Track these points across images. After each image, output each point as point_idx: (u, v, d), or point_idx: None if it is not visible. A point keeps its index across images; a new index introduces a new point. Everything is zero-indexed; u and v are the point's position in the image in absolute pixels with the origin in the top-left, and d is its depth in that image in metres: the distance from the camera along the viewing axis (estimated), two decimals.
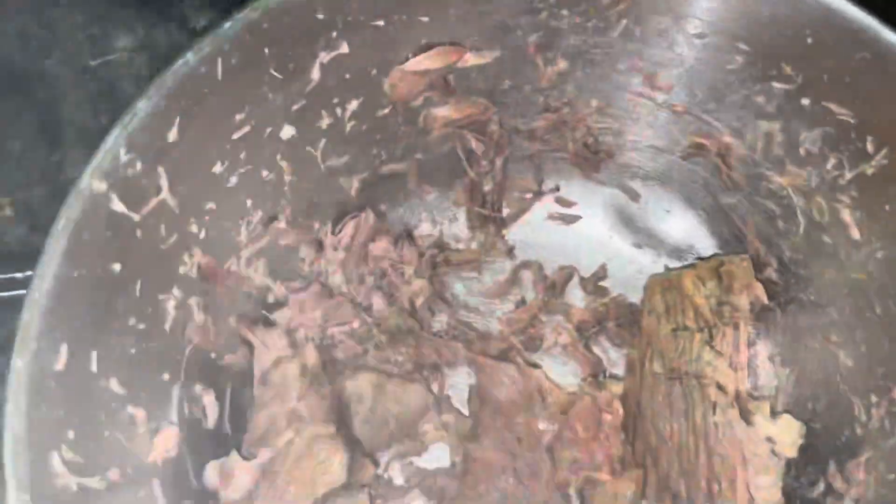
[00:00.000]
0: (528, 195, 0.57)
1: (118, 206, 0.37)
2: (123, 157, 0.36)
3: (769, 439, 0.46)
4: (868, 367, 0.45)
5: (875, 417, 0.44)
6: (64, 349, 0.34)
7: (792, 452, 0.46)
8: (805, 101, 0.43)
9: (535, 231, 0.57)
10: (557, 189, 0.57)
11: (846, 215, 0.45)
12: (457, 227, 0.57)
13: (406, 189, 0.55)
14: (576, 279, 0.56)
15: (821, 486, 0.46)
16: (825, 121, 0.43)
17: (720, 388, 0.47)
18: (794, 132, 0.45)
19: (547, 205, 0.57)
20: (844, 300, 0.46)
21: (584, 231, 0.57)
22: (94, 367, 0.36)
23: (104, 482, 0.35)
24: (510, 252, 0.56)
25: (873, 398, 0.44)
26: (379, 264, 0.54)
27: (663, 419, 0.47)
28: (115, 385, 0.38)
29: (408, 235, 0.55)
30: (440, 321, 0.54)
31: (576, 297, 0.56)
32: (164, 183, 0.39)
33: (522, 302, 0.55)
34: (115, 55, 0.65)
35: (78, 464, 0.34)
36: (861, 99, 0.41)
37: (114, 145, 0.35)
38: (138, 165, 0.37)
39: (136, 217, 0.38)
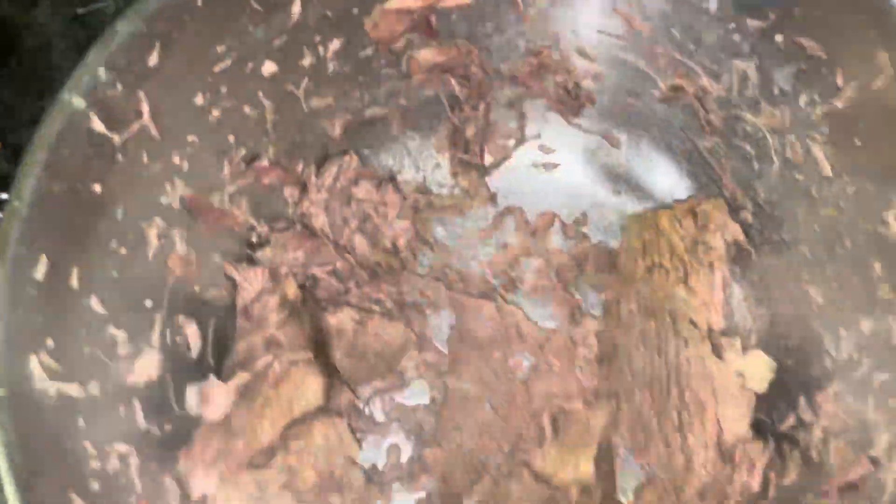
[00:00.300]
0: (511, 142, 0.58)
1: (98, 125, 0.37)
2: (103, 77, 0.37)
3: (739, 374, 0.47)
4: (837, 302, 0.46)
5: (844, 350, 0.45)
6: (44, 260, 0.35)
7: (761, 387, 0.47)
8: (778, 38, 0.44)
9: (517, 178, 0.58)
10: (539, 136, 0.57)
11: (818, 152, 0.45)
12: (440, 174, 0.58)
13: (389, 134, 0.56)
14: (557, 225, 0.56)
15: (791, 420, 0.47)
16: (797, 57, 0.44)
17: (693, 324, 0.48)
18: (767, 70, 0.46)
19: (529, 152, 0.58)
20: (816, 237, 0.47)
21: (565, 178, 0.58)
22: (74, 284, 0.37)
23: (83, 392, 0.36)
24: (493, 198, 0.57)
25: (842, 332, 0.45)
26: (362, 207, 0.54)
27: (637, 355, 0.48)
28: (95, 304, 0.39)
29: (391, 179, 0.56)
30: (422, 263, 0.55)
31: (556, 242, 0.56)
32: (144, 108, 0.40)
33: (504, 246, 0.56)
34: (103, 4, 0.65)
35: (57, 370, 0.35)
36: (831, 34, 0.42)
37: (93, 63, 0.36)
38: (118, 87, 0.38)
39: (116, 139, 0.39)
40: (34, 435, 0.32)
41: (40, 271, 0.35)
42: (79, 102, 0.36)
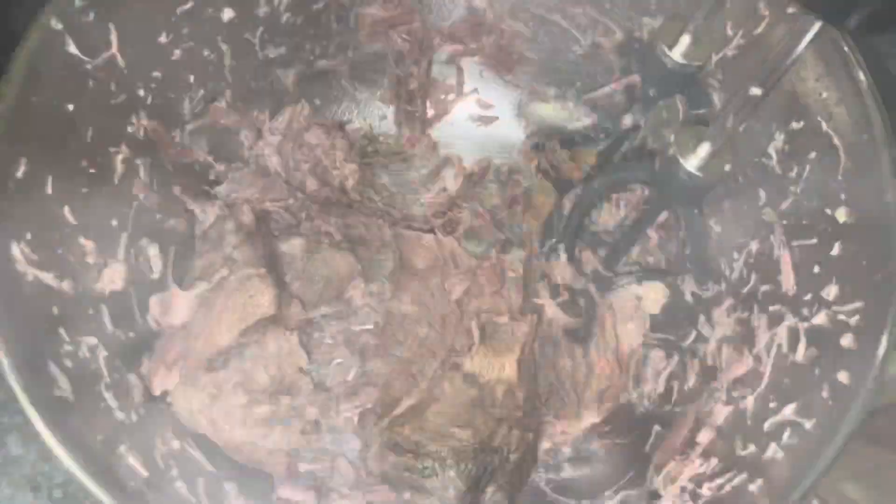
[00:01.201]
0: (451, 96, 0.63)
1: (72, 48, 0.42)
2: (78, 3, 0.41)
3: (637, 297, 0.53)
4: (731, 229, 0.52)
5: (735, 270, 0.51)
6: (23, 162, 0.39)
7: (655, 309, 0.54)
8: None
9: (456, 129, 0.63)
10: (476, 91, 0.63)
11: (715, 97, 0.52)
12: (386, 125, 0.63)
13: (339, 86, 0.61)
14: (492, 171, 0.62)
15: (692, 336, 0.53)
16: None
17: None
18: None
19: (468, 105, 0.63)
20: None
21: (500, 130, 0.63)
22: (49, 190, 0.42)
23: (58, 282, 0.40)
24: (434, 147, 0.62)
25: (735, 255, 0.52)
26: (313, 151, 0.59)
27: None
28: (67, 213, 0.43)
29: (340, 127, 0.61)
30: (369, 204, 0.60)
31: (491, 187, 0.62)
32: (113, 39, 0.44)
33: (444, 191, 0.61)
34: None
35: (34, 259, 0.39)
36: None
37: None
38: (91, 15, 0.42)
39: (88, 65, 0.43)
40: (15, 306, 0.36)
41: (20, 170, 0.39)
42: (56, 24, 0.40)
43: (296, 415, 0.49)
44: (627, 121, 0.54)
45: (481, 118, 0.63)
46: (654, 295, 0.54)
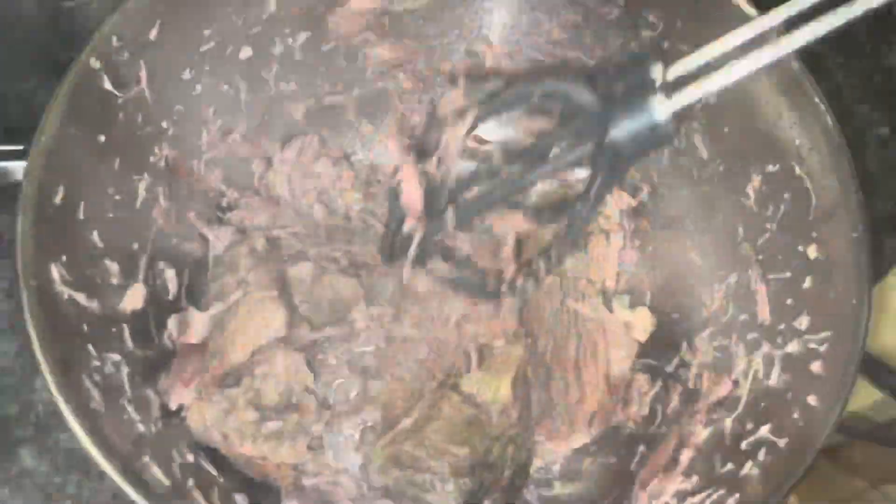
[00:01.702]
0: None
1: (108, 84, 0.45)
2: (115, 43, 0.44)
3: (626, 324, 0.57)
4: (712, 263, 0.56)
5: (716, 301, 0.55)
6: (61, 189, 0.42)
7: (643, 337, 0.57)
8: (665, 45, 0.54)
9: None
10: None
11: (697, 139, 0.56)
12: (389, 157, 0.66)
13: (346, 120, 0.64)
14: None
15: (675, 362, 0.57)
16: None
17: (590, 282, 0.57)
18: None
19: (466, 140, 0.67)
20: (696, 211, 0.57)
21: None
22: (81, 216, 0.45)
23: (88, 301, 0.43)
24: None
25: (715, 286, 0.55)
26: (320, 181, 0.62)
27: (544, 305, 0.57)
28: (95, 237, 0.46)
29: (346, 158, 0.64)
30: (373, 232, 0.64)
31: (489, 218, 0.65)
32: (143, 75, 0.48)
33: None
34: (86, 0, 0.72)
35: (69, 280, 0.42)
36: (704, 40, 0.52)
37: (108, 32, 0.44)
38: (125, 54, 0.46)
39: (120, 98, 0.47)
40: (53, 322, 0.39)
41: (58, 197, 0.42)
42: (95, 63, 0.43)
43: (302, 431, 0.52)
44: None
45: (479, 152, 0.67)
46: (642, 323, 0.58)
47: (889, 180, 0.72)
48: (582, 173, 0.43)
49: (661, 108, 0.37)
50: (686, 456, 0.49)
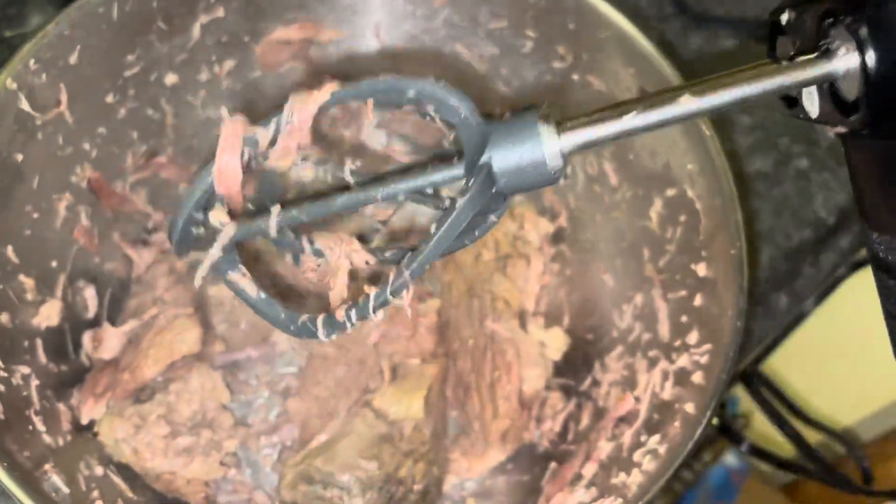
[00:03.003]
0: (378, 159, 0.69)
1: (25, 105, 0.46)
2: (32, 66, 0.46)
3: (541, 344, 0.58)
4: (622, 284, 0.58)
5: (625, 320, 0.57)
6: None
7: (556, 356, 0.59)
8: (575, 77, 0.57)
9: None
10: (403, 155, 0.69)
11: (607, 167, 0.58)
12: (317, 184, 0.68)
13: None
14: (415, 228, 0.67)
15: (589, 380, 0.59)
16: (590, 92, 0.57)
17: (506, 303, 0.59)
18: (569, 103, 0.59)
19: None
20: (608, 235, 0.60)
21: None
22: None
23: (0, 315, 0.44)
24: None
25: (624, 307, 0.57)
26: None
27: (463, 325, 0.59)
28: (10, 252, 0.47)
29: None
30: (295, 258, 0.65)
31: (412, 241, 0.67)
32: (63, 98, 0.49)
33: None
34: (29, 29, 0.74)
35: None
36: (609, 72, 0.55)
37: (25, 55, 0.46)
38: (43, 76, 0.47)
39: (38, 120, 0.48)
40: None
41: None
42: (11, 84, 0.45)
43: (214, 447, 0.53)
44: None
45: None
46: (556, 343, 0.60)
47: (806, 209, 0.75)
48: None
49: (551, 143, 0.32)
50: (589, 470, 0.51)
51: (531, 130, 0.32)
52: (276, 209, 0.36)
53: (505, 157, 0.33)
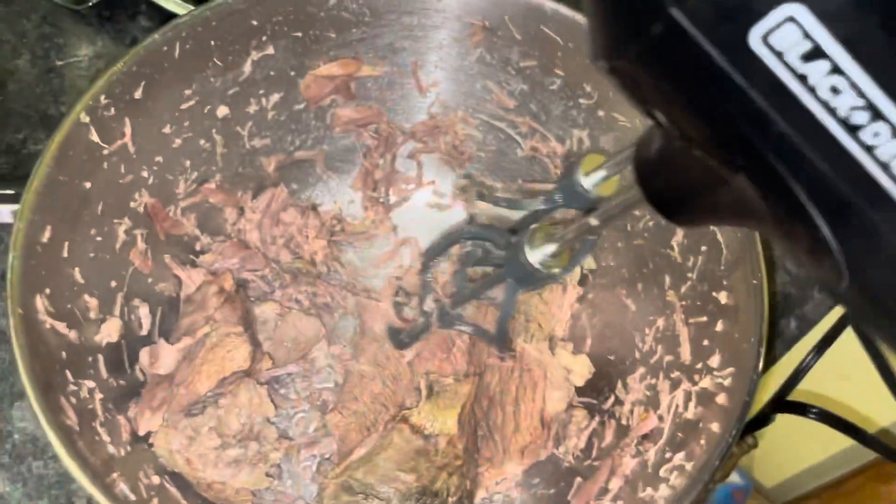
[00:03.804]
0: (411, 186, 0.72)
1: (95, 136, 0.50)
2: (103, 101, 0.50)
3: (566, 368, 0.62)
4: (644, 309, 0.61)
5: (647, 343, 0.60)
6: (48, 229, 0.47)
7: (579, 382, 0.62)
8: (601, 113, 0.61)
9: (415, 214, 0.72)
10: (433, 183, 0.73)
11: None
12: (353, 208, 0.72)
13: (314, 173, 0.70)
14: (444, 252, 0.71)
15: (612, 399, 0.62)
16: (615, 127, 0.61)
17: (539, 326, 0.63)
18: (595, 137, 0.63)
19: (425, 194, 0.73)
20: (630, 262, 0.63)
21: (453, 216, 0.72)
22: (65, 253, 0.49)
23: (68, 332, 0.48)
24: (394, 229, 0.71)
25: (646, 330, 0.61)
26: (288, 228, 0.68)
27: None
28: (77, 274, 0.51)
29: (313, 209, 0.69)
30: (335, 276, 0.69)
31: (442, 265, 0.71)
32: (128, 130, 0.53)
33: (400, 267, 0.70)
34: (78, 59, 0.78)
35: (51, 311, 0.46)
36: (633, 109, 0.59)
37: (97, 91, 0.49)
38: (112, 110, 0.51)
39: (105, 150, 0.52)
40: (36, 349, 0.43)
41: (45, 236, 0.47)
42: (84, 118, 0.49)
43: (261, 459, 0.56)
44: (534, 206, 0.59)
45: (436, 205, 0.73)
46: (580, 369, 0.63)
47: None
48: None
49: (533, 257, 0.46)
50: (615, 484, 0.54)
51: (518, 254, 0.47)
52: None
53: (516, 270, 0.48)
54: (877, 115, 0.20)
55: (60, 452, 0.40)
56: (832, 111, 0.20)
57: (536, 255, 0.45)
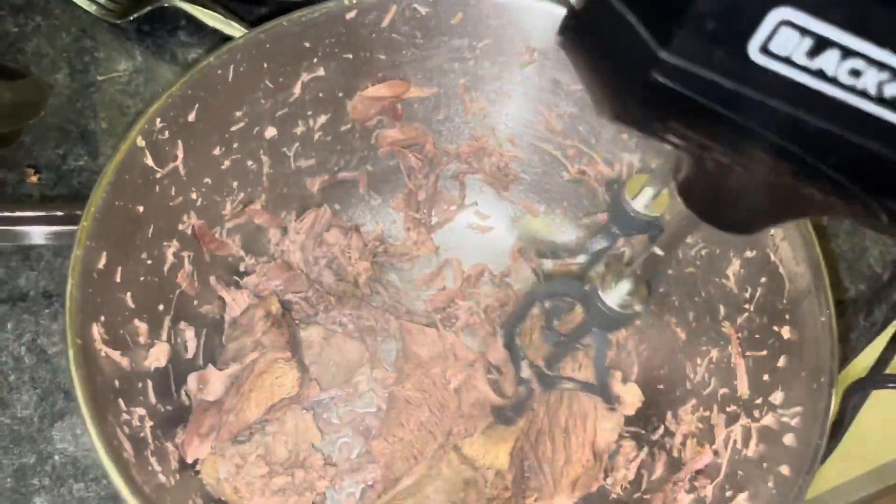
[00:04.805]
0: (453, 207, 0.72)
1: (149, 160, 0.50)
2: (158, 125, 0.49)
3: (617, 398, 0.60)
4: (696, 338, 0.60)
5: (699, 374, 0.59)
6: (104, 255, 0.46)
7: (630, 412, 0.61)
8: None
9: (457, 236, 0.71)
10: (476, 204, 0.72)
11: None
12: (395, 229, 0.71)
13: (357, 193, 0.69)
14: (486, 275, 0.70)
15: (661, 430, 0.60)
16: (666, 150, 0.60)
17: (586, 353, 0.61)
18: (647, 161, 0.62)
19: (468, 216, 0.72)
20: (681, 290, 0.62)
21: (495, 238, 0.72)
22: (118, 279, 0.49)
23: (121, 359, 0.47)
24: (436, 251, 0.71)
25: (698, 360, 0.59)
26: (331, 249, 0.67)
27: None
28: (129, 299, 0.50)
29: (356, 229, 0.69)
30: (377, 298, 0.68)
31: (485, 288, 0.70)
32: (180, 153, 0.53)
33: (443, 289, 0.69)
34: (118, 74, 0.78)
35: (106, 339, 0.46)
36: None
37: (153, 115, 0.49)
38: (166, 133, 0.50)
39: (158, 174, 0.51)
40: (94, 379, 0.43)
41: (101, 263, 0.46)
42: (140, 142, 0.48)
43: (308, 487, 0.55)
44: (596, 245, 0.59)
45: (479, 227, 0.72)
46: (631, 398, 0.61)
47: (861, 263, 0.77)
48: None
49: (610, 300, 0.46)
50: None
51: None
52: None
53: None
54: None
55: (119, 485, 0.39)
56: (863, 93, 0.19)
57: (614, 298, 0.44)
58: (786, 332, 0.50)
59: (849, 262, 0.77)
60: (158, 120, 0.49)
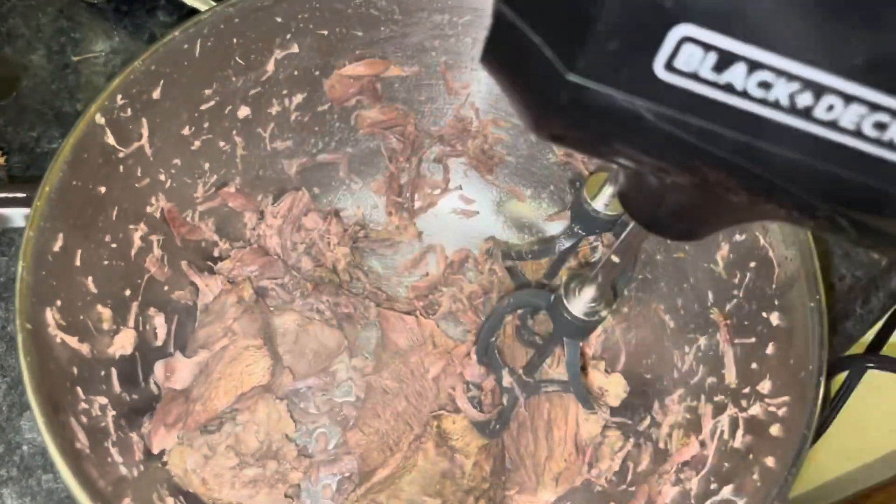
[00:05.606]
0: (437, 191, 0.69)
1: (110, 139, 0.47)
2: (119, 101, 0.47)
3: (600, 388, 0.58)
4: (683, 325, 0.58)
5: (686, 363, 0.57)
6: (60, 237, 0.44)
7: (615, 403, 0.59)
8: None
9: (440, 220, 0.69)
10: (460, 188, 0.70)
11: None
12: (377, 213, 0.69)
13: (337, 177, 0.67)
14: (471, 261, 0.68)
15: (647, 420, 0.58)
16: None
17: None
18: None
19: (452, 200, 0.70)
20: (670, 276, 0.60)
21: (480, 224, 0.69)
22: (77, 262, 0.47)
23: (81, 346, 0.45)
24: (419, 236, 0.68)
25: (686, 348, 0.57)
26: (309, 234, 0.65)
27: (518, 360, 0.59)
28: (90, 283, 0.48)
29: (335, 214, 0.67)
30: (357, 285, 0.66)
31: (469, 274, 0.68)
32: (145, 131, 0.50)
33: (426, 275, 0.67)
34: (94, 55, 0.76)
35: (62, 324, 0.44)
36: None
37: (114, 91, 0.47)
38: (128, 111, 0.48)
39: (121, 153, 0.49)
40: (45, 365, 0.41)
41: (57, 245, 0.44)
42: (100, 119, 0.46)
43: (280, 479, 0.53)
44: (559, 245, 0.57)
45: (463, 212, 0.70)
46: (615, 389, 0.59)
47: (858, 250, 0.75)
48: None
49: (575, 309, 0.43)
50: None
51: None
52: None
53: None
54: (819, 89, 0.18)
55: (68, 479, 0.37)
56: (775, 105, 0.19)
57: (579, 306, 0.43)
58: (774, 319, 0.48)
59: (844, 249, 0.75)
60: (119, 97, 0.47)
